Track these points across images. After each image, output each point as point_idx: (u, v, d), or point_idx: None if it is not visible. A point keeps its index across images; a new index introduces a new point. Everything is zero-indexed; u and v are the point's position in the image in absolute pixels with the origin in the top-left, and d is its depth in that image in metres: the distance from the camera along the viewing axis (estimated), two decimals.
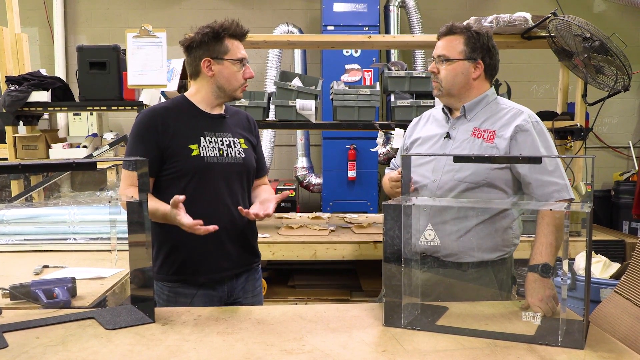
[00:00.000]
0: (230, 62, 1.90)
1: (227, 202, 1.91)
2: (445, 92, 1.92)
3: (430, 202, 1.82)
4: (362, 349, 1.40)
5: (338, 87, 3.48)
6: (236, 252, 1.96)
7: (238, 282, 2.00)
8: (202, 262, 1.91)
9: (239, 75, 1.92)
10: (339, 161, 5.50)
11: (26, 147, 3.54)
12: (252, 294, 2.05)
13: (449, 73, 1.89)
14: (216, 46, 1.89)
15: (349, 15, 5.46)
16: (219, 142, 1.92)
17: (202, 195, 1.88)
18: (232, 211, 1.91)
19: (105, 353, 1.36)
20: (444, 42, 1.91)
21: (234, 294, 1.99)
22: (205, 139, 1.90)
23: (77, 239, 2.77)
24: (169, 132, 1.86)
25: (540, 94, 6.29)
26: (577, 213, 2.86)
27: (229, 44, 1.90)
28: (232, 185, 1.93)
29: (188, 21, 5.95)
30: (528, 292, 1.69)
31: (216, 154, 1.90)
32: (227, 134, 1.96)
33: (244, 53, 1.94)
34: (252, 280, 2.05)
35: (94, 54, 3.47)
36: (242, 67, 1.92)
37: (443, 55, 1.89)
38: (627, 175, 5.84)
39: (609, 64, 2.99)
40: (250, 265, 2.04)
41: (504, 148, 1.83)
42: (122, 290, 2.12)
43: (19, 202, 3.46)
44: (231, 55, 1.90)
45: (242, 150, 1.97)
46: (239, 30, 1.91)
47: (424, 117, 2.11)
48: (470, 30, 1.88)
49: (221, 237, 1.89)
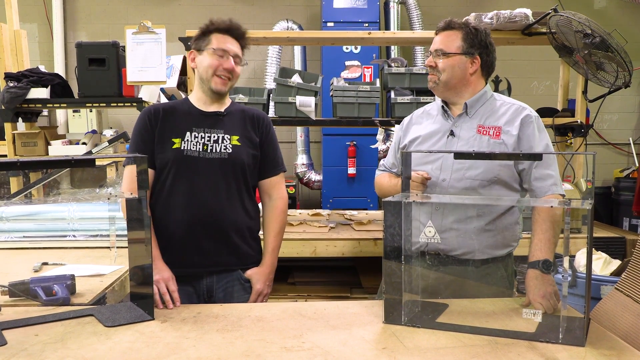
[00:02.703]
0: (209, 51, 1.93)
1: (205, 196, 1.90)
2: (442, 84, 1.91)
3: (436, 199, 1.81)
4: (362, 346, 1.39)
5: (338, 84, 3.47)
6: (212, 248, 1.91)
7: (219, 284, 1.95)
8: (174, 255, 1.90)
9: (213, 65, 1.92)
10: (339, 158, 5.50)
11: (25, 144, 3.54)
12: (237, 299, 1.95)
13: (446, 66, 1.89)
14: (202, 39, 1.96)
15: (348, 12, 5.45)
16: (205, 138, 1.93)
17: (178, 188, 1.90)
18: (211, 206, 1.90)
19: (104, 350, 1.35)
20: (441, 37, 1.92)
21: (214, 295, 1.95)
22: (191, 134, 1.92)
23: (76, 236, 2.77)
24: (160, 127, 1.93)
25: (541, 91, 6.28)
26: (578, 210, 2.86)
27: (214, 37, 1.94)
28: (214, 180, 1.91)
29: (187, 18, 5.94)
30: (529, 288, 1.68)
31: (199, 148, 1.91)
32: (218, 131, 1.95)
33: (229, 47, 1.94)
34: (238, 286, 1.97)
35: (93, 50, 3.45)
36: (220, 58, 1.93)
37: (440, 50, 1.89)
38: (628, 172, 5.83)
39: (610, 60, 2.98)
40: (232, 267, 1.97)
41: (512, 144, 1.84)
42: (121, 287, 2.11)
43: (18, 199, 3.45)
44: (210, 46, 1.93)
45: (230, 146, 1.95)
46: (226, 25, 1.94)
47: (417, 115, 2.09)
48: (468, 26, 1.89)
49: (195, 232, 1.90)
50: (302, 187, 5.96)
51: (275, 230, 2.07)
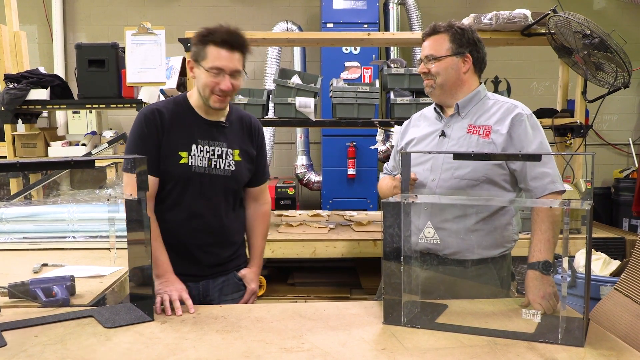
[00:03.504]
0: (203, 69, 1.80)
1: (206, 213, 1.91)
2: (438, 87, 1.92)
3: (431, 199, 1.82)
4: (362, 347, 1.39)
5: (337, 85, 3.48)
6: (210, 258, 1.95)
7: (214, 284, 1.98)
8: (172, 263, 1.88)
9: (210, 85, 1.80)
10: (338, 159, 5.50)
11: (25, 145, 3.54)
12: (232, 297, 2.01)
13: (440, 69, 1.90)
14: (199, 50, 1.82)
15: (348, 13, 5.45)
16: (210, 152, 1.90)
17: (181, 204, 1.89)
18: (211, 220, 1.91)
19: (104, 351, 1.35)
20: (430, 42, 1.93)
21: (210, 294, 1.98)
22: (197, 147, 1.88)
23: (76, 237, 2.77)
24: (165, 132, 1.86)
25: (540, 91, 6.28)
26: (577, 210, 2.86)
27: (210, 50, 1.78)
28: (215, 198, 1.92)
29: (187, 19, 5.94)
30: (529, 289, 1.68)
31: (205, 164, 1.89)
32: (221, 144, 1.92)
33: (225, 64, 1.79)
34: (232, 284, 2.02)
35: (93, 51, 3.46)
36: (216, 77, 1.80)
37: (431, 55, 1.91)
38: (627, 172, 5.83)
39: (609, 60, 2.98)
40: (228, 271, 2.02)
41: (501, 143, 1.83)
42: (121, 288, 2.11)
43: (17, 200, 3.46)
44: (206, 63, 1.79)
45: (233, 163, 1.93)
46: (224, 37, 1.78)
47: (415, 118, 2.12)
48: (453, 27, 1.90)
49: (192, 249, 1.92)
50: (301, 188, 5.96)
51: (262, 233, 2.14)
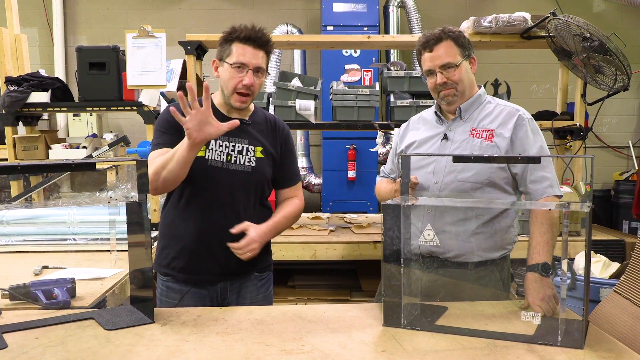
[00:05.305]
0: (228, 64, 1.86)
1: (224, 208, 1.89)
2: (460, 94, 1.92)
3: (431, 201, 1.82)
4: (362, 349, 1.40)
5: (337, 87, 3.48)
6: (226, 259, 1.89)
7: (232, 287, 1.96)
8: (190, 263, 1.91)
9: (234, 80, 1.85)
10: (338, 161, 5.50)
11: (25, 148, 3.54)
12: (251, 300, 1.98)
13: (461, 76, 1.89)
14: (224, 48, 1.88)
15: (348, 16, 5.46)
16: (230, 147, 1.89)
17: (199, 198, 1.88)
18: (228, 218, 1.87)
19: (104, 353, 1.36)
20: (441, 51, 1.88)
21: (228, 297, 1.96)
22: (215, 142, 1.87)
23: (76, 239, 2.77)
24: None
25: (540, 94, 6.29)
26: (577, 213, 2.86)
27: (235, 47, 1.84)
28: (235, 193, 1.90)
29: (187, 21, 5.96)
30: (528, 291, 1.69)
31: (223, 159, 1.87)
32: (242, 140, 1.91)
33: (249, 60, 1.84)
34: (251, 287, 1.99)
35: (94, 54, 3.46)
36: (239, 73, 1.84)
37: (449, 63, 1.87)
38: (627, 174, 5.84)
39: (609, 63, 2.99)
40: (246, 273, 1.98)
41: (504, 147, 1.85)
42: (121, 290, 2.12)
43: (18, 203, 3.46)
44: (230, 59, 1.85)
45: (254, 159, 1.92)
46: (246, 33, 1.83)
47: (414, 121, 2.11)
48: (452, 32, 1.90)
49: (211, 243, 1.89)
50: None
51: (286, 212, 2.00)
